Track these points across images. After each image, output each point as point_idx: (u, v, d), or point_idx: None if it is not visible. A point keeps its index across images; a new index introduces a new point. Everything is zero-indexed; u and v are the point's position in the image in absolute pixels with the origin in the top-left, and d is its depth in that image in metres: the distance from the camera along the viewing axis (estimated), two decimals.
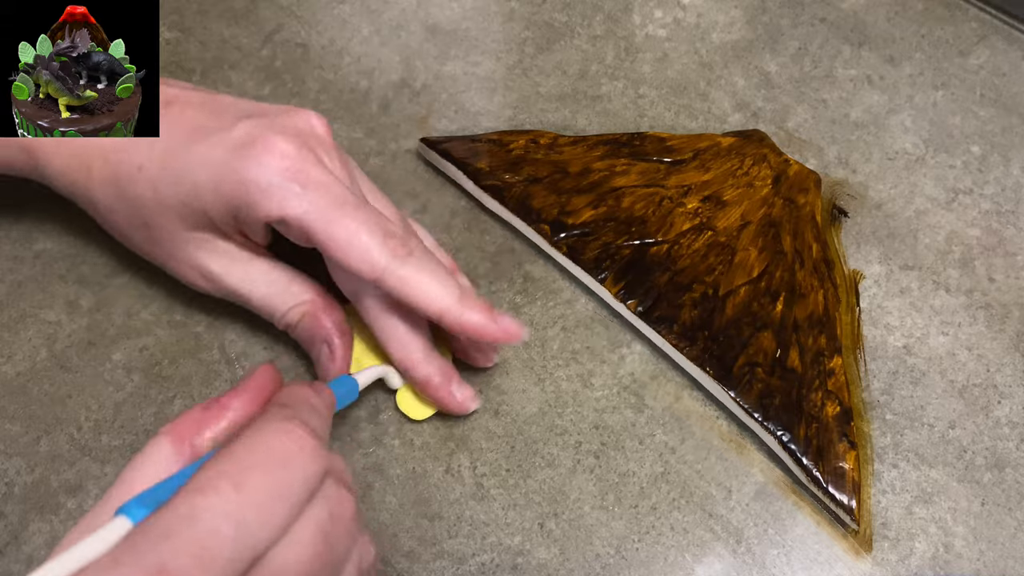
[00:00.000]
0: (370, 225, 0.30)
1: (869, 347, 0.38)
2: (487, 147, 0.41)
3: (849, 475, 0.34)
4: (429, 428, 0.35)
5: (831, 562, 0.33)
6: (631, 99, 0.45)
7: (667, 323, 0.36)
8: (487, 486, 0.34)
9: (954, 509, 0.34)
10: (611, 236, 0.38)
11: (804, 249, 0.39)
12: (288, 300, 0.33)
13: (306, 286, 0.34)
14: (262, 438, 0.23)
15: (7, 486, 0.32)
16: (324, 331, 0.33)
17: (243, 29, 0.46)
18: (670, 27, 0.48)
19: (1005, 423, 0.36)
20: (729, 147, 0.42)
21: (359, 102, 0.44)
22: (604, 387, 0.36)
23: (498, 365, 0.36)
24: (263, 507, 0.22)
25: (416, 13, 0.47)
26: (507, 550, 0.33)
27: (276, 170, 0.30)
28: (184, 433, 0.24)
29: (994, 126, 0.45)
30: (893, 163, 0.43)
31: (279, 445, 0.23)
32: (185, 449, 0.24)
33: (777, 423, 0.34)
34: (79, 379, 0.35)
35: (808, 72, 0.46)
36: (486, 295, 0.38)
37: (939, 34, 0.48)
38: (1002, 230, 0.41)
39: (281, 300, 0.34)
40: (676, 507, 0.34)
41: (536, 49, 0.46)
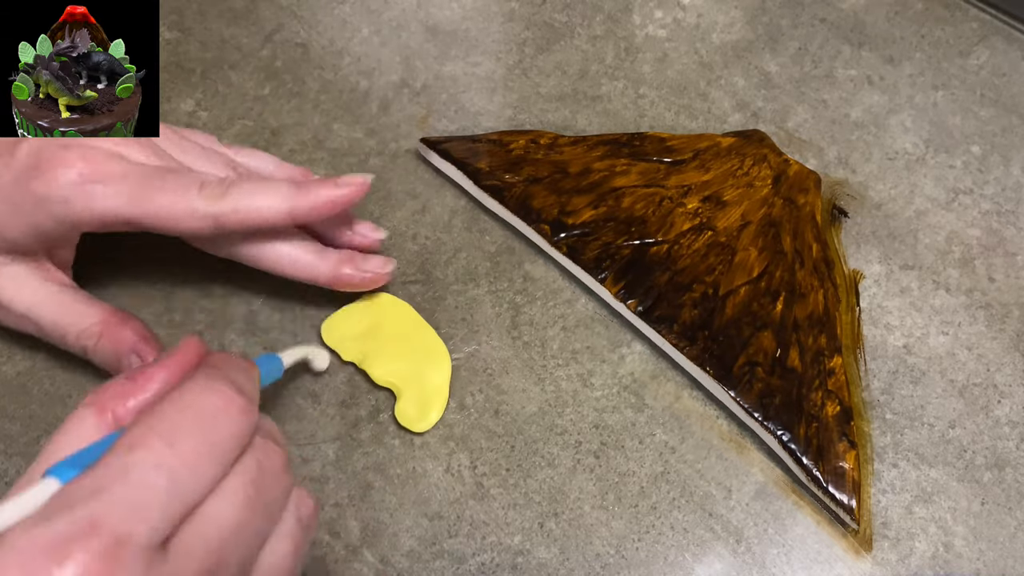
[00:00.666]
0: (181, 185, 0.31)
1: (869, 347, 0.38)
2: (487, 147, 0.41)
3: (849, 475, 0.34)
4: (429, 428, 0.35)
5: (831, 562, 0.33)
6: (631, 99, 0.45)
7: (667, 323, 0.36)
8: (487, 486, 0.34)
9: (954, 509, 0.34)
10: (611, 236, 0.38)
11: (804, 249, 0.39)
12: (80, 322, 0.32)
13: (96, 307, 0.33)
14: (191, 396, 0.23)
15: (7, 486, 0.32)
16: (127, 342, 0.32)
17: (243, 29, 0.46)
18: (670, 27, 0.48)
19: (1005, 423, 0.36)
20: (729, 147, 0.42)
21: (359, 102, 0.44)
22: (604, 387, 0.36)
23: (498, 365, 0.36)
24: (194, 461, 0.22)
25: (416, 13, 0.47)
26: (507, 550, 0.33)
27: (72, 180, 0.30)
28: (107, 404, 0.24)
29: (994, 126, 0.45)
30: (893, 163, 0.43)
31: (208, 402, 0.23)
32: (108, 419, 0.24)
33: (777, 423, 0.34)
34: (79, 379, 0.35)
35: (808, 72, 0.46)
36: (486, 295, 0.38)
37: (939, 34, 0.48)
38: (1002, 230, 0.41)
39: (72, 322, 0.32)
40: (676, 507, 0.34)
41: (536, 49, 0.46)
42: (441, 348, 0.36)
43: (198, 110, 0.43)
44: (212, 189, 0.31)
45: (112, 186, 0.30)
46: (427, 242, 0.40)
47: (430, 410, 0.35)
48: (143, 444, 0.21)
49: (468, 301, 0.38)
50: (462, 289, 0.38)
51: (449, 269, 0.39)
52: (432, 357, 0.36)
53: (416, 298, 0.38)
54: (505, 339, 0.37)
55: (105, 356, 0.32)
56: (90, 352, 0.33)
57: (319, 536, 0.32)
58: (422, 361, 0.36)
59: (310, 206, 0.32)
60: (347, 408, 0.35)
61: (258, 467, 0.24)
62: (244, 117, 0.43)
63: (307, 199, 0.32)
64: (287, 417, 0.35)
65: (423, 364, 0.36)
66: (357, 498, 0.33)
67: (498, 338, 0.37)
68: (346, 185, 0.33)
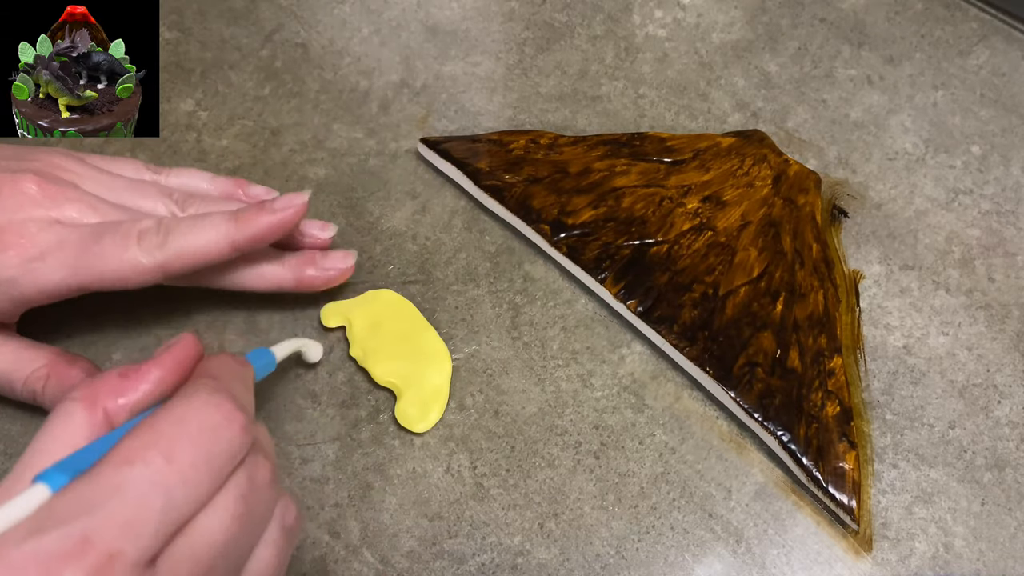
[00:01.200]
0: (120, 243, 0.30)
1: (869, 347, 0.38)
2: (487, 147, 0.41)
3: (849, 475, 0.34)
4: (429, 429, 0.35)
5: (831, 562, 0.33)
6: (631, 99, 0.45)
7: (667, 323, 0.36)
8: (487, 486, 0.34)
9: (954, 509, 0.34)
10: (611, 236, 0.38)
11: (804, 249, 0.39)
12: (26, 368, 0.32)
13: (40, 351, 0.32)
14: (192, 409, 0.23)
15: None
16: (74, 382, 0.31)
17: (243, 29, 0.46)
18: (670, 27, 0.48)
19: (1005, 423, 0.36)
20: (729, 147, 0.42)
21: (359, 102, 0.44)
22: (604, 387, 0.36)
23: (498, 365, 0.36)
24: (191, 479, 0.22)
25: (416, 13, 0.47)
26: (507, 550, 0.33)
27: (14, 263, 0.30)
28: (99, 400, 0.24)
29: (994, 126, 0.45)
30: (893, 163, 0.43)
31: (208, 417, 0.23)
32: (98, 415, 0.24)
33: (777, 423, 0.34)
34: None
35: (808, 72, 0.46)
36: (486, 295, 0.38)
37: (939, 34, 0.48)
38: (1002, 230, 0.41)
39: (18, 368, 0.32)
40: (676, 507, 0.34)
41: (536, 49, 0.46)
42: (442, 348, 0.36)
43: (198, 110, 0.43)
44: (150, 239, 0.31)
45: (53, 259, 0.30)
46: (427, 242, 0.40)
47: (430, 410, 0.35)
48: (141, 459, 0.21)
49: (468, 301, 0.38)
50: (462, 289, 0.38)
51: (449, 269, 0.39)
52: (433, 357, 0.36)
53: (416, 298, 0.38)
54: (505, 339, 0.37)
55: (53, 397, 0.32)
56: (39, 396, 0.32)
57: (319, 536, 0.32)
58: (423, 361, 0.36)
59: (250, 236, 0.32)
60: (347, 408, 0.35)
61: (249, 482, 0.24)
62: (244, 117, 0.43)
63: (246, 230, 0.32)
64: (287, 417, 0.35)
65: (424, 364, 0.36)
66: (357, 498, 0.33)
67: (498, 338, 0.37)
68: (283, 209, 0.33)
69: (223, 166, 0.41)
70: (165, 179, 0.35)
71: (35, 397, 0.32)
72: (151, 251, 0.31)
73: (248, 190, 0.37)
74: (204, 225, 0.32)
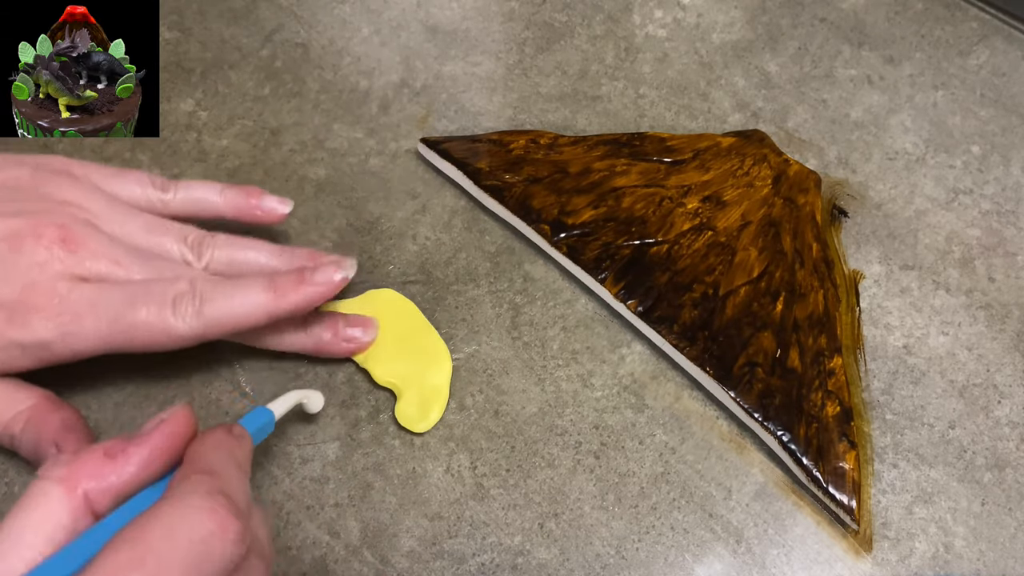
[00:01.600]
0: (155, 312, 0.30)
1: (869, 347, 0.38)
2: (487, 147, 0.41)
3: (849, 475, 0.34)
4: (429, 429, 0.35)
5: (831, 562, 0.33)
6: (631, 99, 0.45)
7: (667, 323, 0.36)
8: (487, 486, 0.34)
9: (954, 509, 0.34)
10: (611, 236, 0.38)
11: (804, 249, 0.39)
12: (9, 409, 0.30)
13: (28, 393, 0.31)
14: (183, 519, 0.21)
15: (7, 486, 0.32)
16: (50, 431, 0.30)
17: (243, 29, 0.46)
18: (670, 27, 0.48)
19: (1005, 423, 0.36)
20: (729, 147, 0.42)
21: (359, 102, 0.44)
22: (604, 387, 0.36)
23: (498, 365, 0.36)
24: None
25: (416, 13, 0.47)
26: (507, 550, 0.33)
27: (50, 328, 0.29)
28: (79, 481, 0.22)
29: (994, 126, 0.45)
30: (893, 163, 0.43)
31: (200, 527, 0.21)
32: (77, 498, 0.22)
33: (777, 423, 0.34)
34: (79, 379, 0.35)
35: (808, 72, 0.46)
36: (486, 295, 0.38)
37: (939, 34, 0.48)
38: (1002, 230, 0.41)
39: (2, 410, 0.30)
40: (676, 507, 0.34)
41: (536, 49, 0.46)
42: (442, 348, 0.36)
43: (198, 110, 0.43)
44: (186, 307, 0.30)
45: (86, 323, 0.30)
46: (427, 242, 0.40)
47: (430, 410, 0.35)
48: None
49: (468, 301, 0.38)
50: (462, 289, 0.38)
51: (449, 269, 0.39)
52: (433, 357, 0.36)
53: (416, 298, 0.38)
54: (505, 339, 0.37)
55: (27, 443, 0.30)
56: (16, 439, 0.30)
57: (319, 536, 0.32)
58: (423, 361, 0.36)
59: (288, 309, 0.32)
60: (347, 408, 0.35)
61: None
62: (244, 117, 0.43)
63: (284, 303, 0.31)
64: (287, 417, 0.35)
65: (424, 364, 0.36)
66: (357, 498, 0.33)
67: (498, 338, 0.37)
68: (323, 284, 0.32)
69: (223, 166, 0.41)
70: (173, 197, 0.35)
71: (12, 441, 0.31)
72: (188, 320, 0.30)
73: (262, 202, 0.36)
74: (242, 293, 0.31)
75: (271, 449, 0.34)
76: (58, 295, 0.30)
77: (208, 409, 0.35)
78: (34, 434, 0.30)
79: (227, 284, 0.31)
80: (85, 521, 0.23)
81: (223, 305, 0.31)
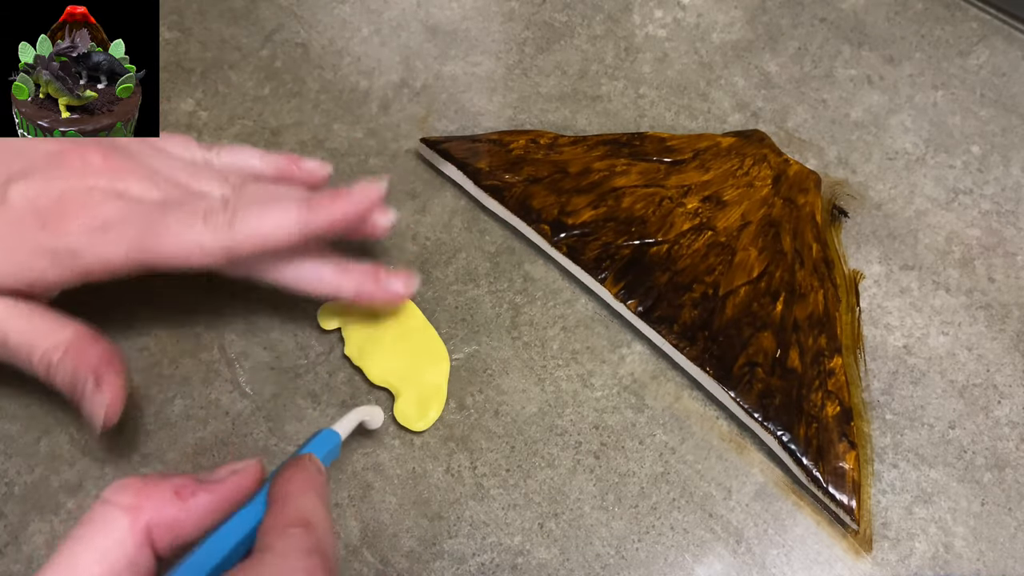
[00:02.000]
0: (186, 222, 0.30)
1: (869, 347, 0.38)
2: (487, 147, 0.41)
3: (849, 475, 0.34)
4: (429, 428, 0.35)
5: (831, 562, 0.33)
6: (631, 99, 0.45)
7: (667, 323, 0.36)
8: (487, 486, 0.34)
9: (954, 509, 0.34)
10: (611, 236, 0.38)
11: (804, 249, 0.39)
12: (49, 337, 0.30)
13: (67, 324, 0.31)
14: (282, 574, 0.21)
15: (7, 486, 0.33)
16: (89, 362, 0.30)
17: (243, 29, 0.46)
18: (670, 27, 0.48)
19: (1005, 423, 0.36)
20: (729, 147, 0.42)
21: (359, 102, 0.44)
22: (604, 387, 0.36)
23: (498, 365, 0.36)
24: None
25: (416, 13, 0.47)
26: (507, 550, 0.33)
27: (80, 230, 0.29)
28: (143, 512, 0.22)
29: (994, 126, 0.45)
30: (893, 163, 0.43)
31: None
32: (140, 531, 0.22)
33: (777, 423, 0.34)
34: None
35: (808, 72, 0.46)
36: (486, 295, 0.38)
37: (939, 34, 0.48)
38: (1002, 230, 0.41)
39: (41, 337, 0.30)
40: (676, 507, 0.34)
41: (536, 49, 0.46)
42: (440, 347, 0.36)
43: (198, 110, 0.43)
44: (217, 218, 0.30)
45: (116, 232, 0.29)
46: (427, 242, 0.40)
47: (429, 408, 0.35)
48: None
49: (468, 301, 0.38)
50: (462, 289, 0.38)
51: (449, 269, 0.39)
52: (430, 356, 0.36)
53: (416, 298, 0.38)
54: (505, 339, 0.37)
55: (65, 374, 0.30)
56: (52, 369, 0.30)
57: None
58: (420, 360, 0.36)
59: (323, 223, 0.31)
60: (347, 408, 0.35)
61: None
62: (244, 117, 0.43)
63: (318, 217, 0.31)
64: (287, 417, 0.35)
65: (421, 363, 0.36)
66: (357, 498, 0.33)
67: (498, 338, 0.37)
68: (357, 199, 0.32)
69: None
70: (216, 156, 0.35)
71: (48, 371, 0.30)
72: (218, 232, 0.30)
73: (302, 165, 0.36)
74: (274, 208, 0.31)
75: (271, 449, 0.34)
76: (92, 202, 0.30)
77: (208, 409, 0.35)
78: (72, 363, 0.30)
79: (261, 202, 0.31)
80: (145, 553, 0.23)
81: (255, 218, 0.30)
